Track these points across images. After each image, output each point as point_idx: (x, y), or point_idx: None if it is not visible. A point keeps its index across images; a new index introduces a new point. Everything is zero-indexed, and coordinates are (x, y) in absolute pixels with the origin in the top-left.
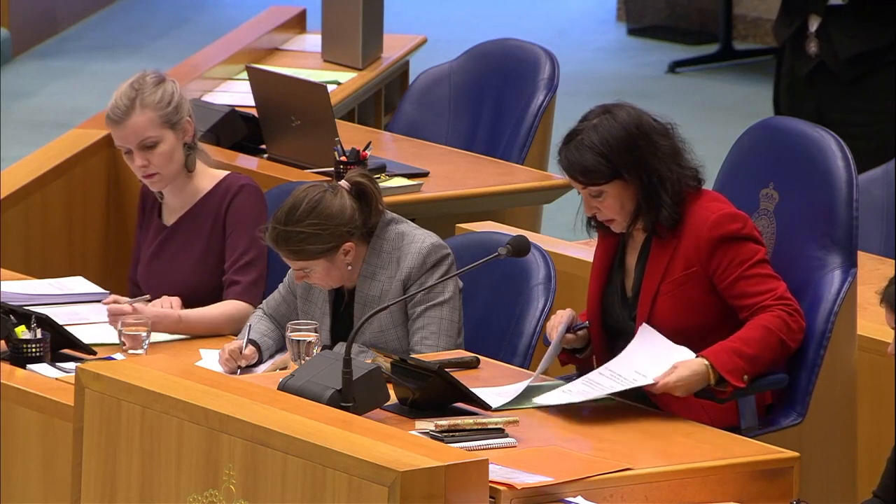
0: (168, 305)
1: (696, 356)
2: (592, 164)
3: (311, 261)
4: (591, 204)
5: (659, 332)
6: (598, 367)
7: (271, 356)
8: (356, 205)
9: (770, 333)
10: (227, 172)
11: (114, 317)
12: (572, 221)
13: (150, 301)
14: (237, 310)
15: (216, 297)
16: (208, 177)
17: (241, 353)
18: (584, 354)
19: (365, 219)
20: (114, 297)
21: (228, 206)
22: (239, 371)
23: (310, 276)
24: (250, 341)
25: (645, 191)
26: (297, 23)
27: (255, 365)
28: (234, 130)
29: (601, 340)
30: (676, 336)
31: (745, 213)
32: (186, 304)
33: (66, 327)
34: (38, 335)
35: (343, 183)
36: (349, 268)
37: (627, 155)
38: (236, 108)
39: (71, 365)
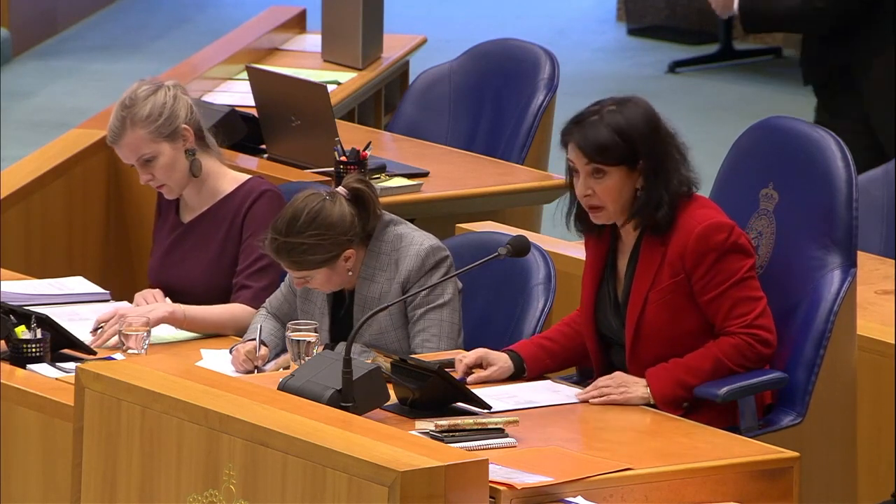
0: (151, 299)
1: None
2: (609, 141)
3: (312, 270)
4: (587, 183)
5: (649, 338)
6: (597, 375)
7: (276, 355)
8: (355, 211)
9: (720, 364)
10: (249, 176)
11: (107, 336)
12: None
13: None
14: (244, 313)
15: (225, 299)
16: (230, 179)
17: (256, 353)
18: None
19: (364, 224)
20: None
21: (248, 211)
22: (256, 371)
23: (310, 282)
24: (261, 342)
25: (649, 183)
26: (297, 23)
27: (263, 364)
28: (234, 130)
29: (596, 347)
30: (667, 342)
31: (732, 222)
32: (194, 302)
33: (66, 327)
34: (38, 335)
35: (340, 189)
36: (349, 273)
37: (647, 140)
38: (236, 108)
39: (71, 365)
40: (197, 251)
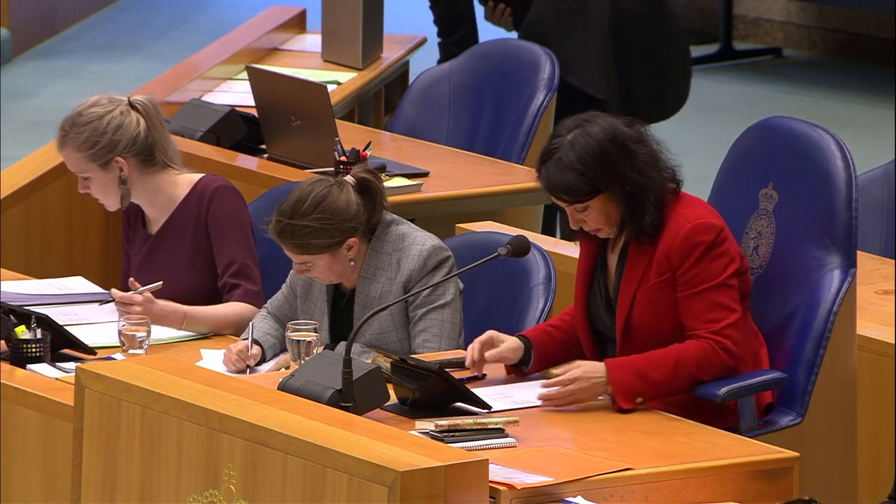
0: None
1: (604, 362)
2: (574, 183)
3: (315, 255)
4: (576, 218)
5: (639, 336)
6: None
7: (275, 355)
8: (361, 201)
9: (682, 366)
10: (200, 175)
11: (124, 307)
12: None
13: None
14: (245, 311)
15: (209, 300)
16: (182, 183)
17: (248, 352)
18: (528, 368)
19: (369, 215)
20: (116, 291)
21: (207, 211)
22: (248, 370)
23: (312, 270)
24: (254, 341)
25: (628, 200)
26: (297, 23)
27: (259, 364)
28: (234, 130)
29: (590, 343)
30: (656, 340)
31: (721, 223)
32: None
33: (66, 327)
34: (38, 335)
35: (349, 178)
36: (352, 263)
37: (606, 170)
38: (236, 108)
39: (71, 365)
40: (171, 259)
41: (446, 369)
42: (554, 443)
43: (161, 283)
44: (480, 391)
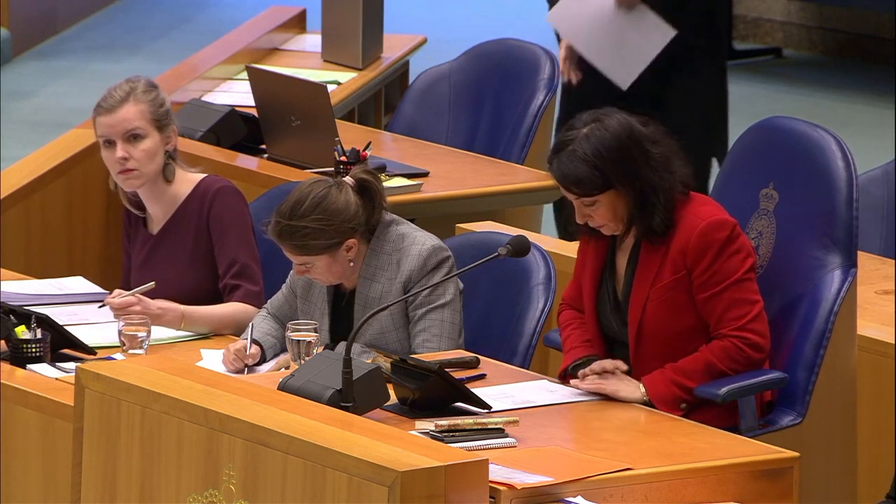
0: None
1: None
2: (586, 176)
3: (313, 256)
4: (583, 212)
5: (652, 336)
6: None
7: (275, 355)
8: (360, 201)
9: (712, 368)
10: (203, 175)
11: (120, 310)
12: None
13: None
14: (244, 311)
15: (210, 300)
16: (185, 182)
17: (246, 352)
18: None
19: (368, 216)
20: (112, 297)
21: (209, 211)
22: (246, 370)
23: (311, 270)
24: (253, 341)
25: (638, 199)
26: (297, 23)
27: (258, 364)
28: (234, 130)
29: (599, 346)
30: (669, 339)
31: (733, 219)
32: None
33: (66, 327)
34: (38, 335)
35: (348, 179)
36: (351, 264)
37: (620, 165)
38: (236, 108)
39: (71, 365)
40: (172, 259)
41: (446, 369)
42: (554, 443)
43: (153, 283)
44: (480, 391)
